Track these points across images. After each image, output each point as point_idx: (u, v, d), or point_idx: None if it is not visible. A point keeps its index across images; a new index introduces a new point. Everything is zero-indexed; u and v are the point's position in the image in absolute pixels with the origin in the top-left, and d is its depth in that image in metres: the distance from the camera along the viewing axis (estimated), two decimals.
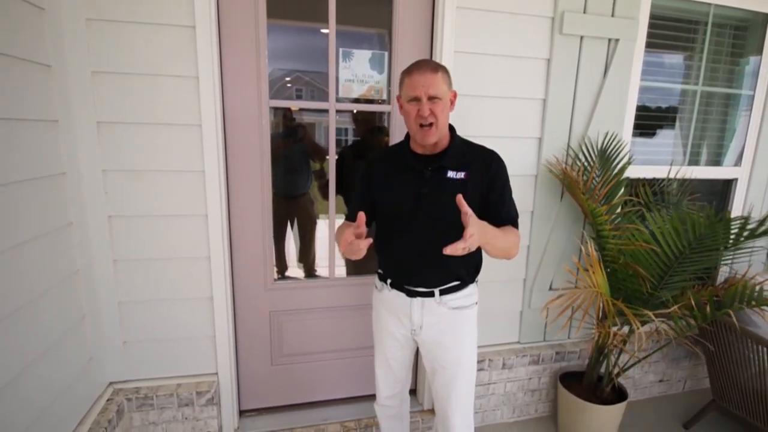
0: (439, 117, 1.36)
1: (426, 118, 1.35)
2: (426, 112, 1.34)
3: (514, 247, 1.42)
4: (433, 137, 1.39)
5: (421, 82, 1.34)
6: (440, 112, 1.36)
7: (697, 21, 2.43)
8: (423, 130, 1.38)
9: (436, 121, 1.36)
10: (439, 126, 1.38)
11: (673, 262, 1.89)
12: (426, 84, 1.33)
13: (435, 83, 1.33)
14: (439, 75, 1.35)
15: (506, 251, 1.41)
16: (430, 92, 1.33)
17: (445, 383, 1.58)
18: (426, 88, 1.33)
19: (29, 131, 1.41)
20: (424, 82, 1.33)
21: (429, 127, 1.37)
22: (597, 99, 2.16)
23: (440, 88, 1.34)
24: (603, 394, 2.18)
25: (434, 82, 1.33)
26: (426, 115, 1.35)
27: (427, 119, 1.35)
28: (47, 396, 1.47)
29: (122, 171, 1.74)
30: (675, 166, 2.43)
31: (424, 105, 1.34)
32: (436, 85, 1.34)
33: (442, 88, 1.35)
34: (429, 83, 1.33)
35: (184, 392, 1.92)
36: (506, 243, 1.38)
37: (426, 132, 1.38)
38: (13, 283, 1.32)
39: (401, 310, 1.55)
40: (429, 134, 1.38)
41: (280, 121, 2.44)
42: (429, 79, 1.33)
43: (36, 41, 1.46)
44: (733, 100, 2.62)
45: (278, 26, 1.97)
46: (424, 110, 1.34)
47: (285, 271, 2.74)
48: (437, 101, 1.35)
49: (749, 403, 2.12)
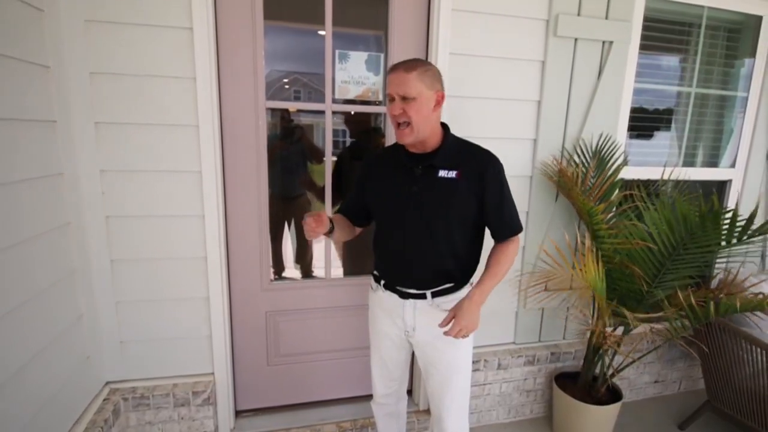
0: (413, 117, 1.34)
1: (397, 117, 1.35)
2: (396, 111, 1.34)
3: (512, 263, 1.49)
4: (408, 137, 1.38)
5: (394, 81, 1.34)
6: (414, 112, 1.33)
7: (691, 23, 2.46)
8: (399, 130, 1.38)
9: (411, 121, 1.34)
10: (416, 126, 1.35)
11: (667, 260, 1.91)
12: (398, 83, 1.33)
13: (407, 83, 1.32)
14: (413, 75, 1.32)
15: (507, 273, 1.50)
16: (401, 92, 1.32)
17: (440, 384, 1.58)
18: (397, 88, 1.33)
19: (28, 132, 1.42)
20: (396, 81, 1.33)
21: (405, 127, 1.36)
22: (591, 101, 2.18)
23: (413, 88, 1.32)
24: (598, 395, 2.19)
25: (406, 81, 1.32)
26: (396, 114, 1.34)
27: (398, 118, 1.35)
28: (43, 395, 1.48)
29: (120, 171, 1.75)
30: (669, 167, 2.45)
31: (396, 104, 1.34)
32: (408, 85, 1.31)
33: (416, 87, 1.32)
34: (400, 82, 1.32)
35: (180, 392, 1.92)
36: (504, 272, 1.46)
37: (401, 132, 1.38)
38: (10, 282, 1.33)
39: (395, 312, 1.56)
40: (403, 134, 1.38)
41: (278, 122, 2.45)
42: (401, 78, 1.32)
43: (35, 42, 1.47)
44: (727, 102, 2.64)
45: (276, 28, 1.99)
46: (395, 109, 1.34)
47: (282, 271, 2.75)
48: (410, 101, 1.33)
49: (744, 404, 2.13)
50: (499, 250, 1.49)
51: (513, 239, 1.50)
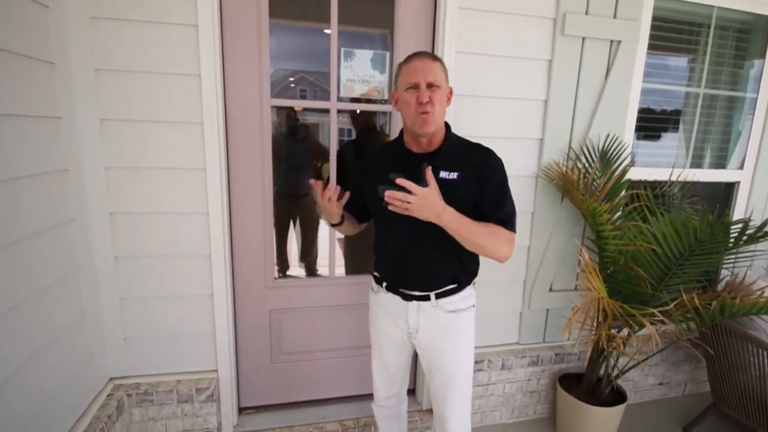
0: (436, 105, 1.32)
1: (425, 105, 1.30)
2: (425, 98, 1.30)
3: (494, 245, 1.35)
4: (430, 127, 1.34)
5: (420, 67, 1.31)
6: (438, 101, 1.33)
7: (700, 23, 2.43)
8: (421, 118, 1.32)
9: (434, 109, 1.32)
10: (436, 115, 1.33)
11: (673, 264, 1.89)
12: (425, 70, 1.31)
13: (435, 70, 1.32)
14: (438, 64, 1.33)
15: (481, 247, 1.35)
16: (429, 79, 1.31)
17: (442, 385, 1.57)
18: (425, 74, 1.31)
19: (33, 128, 1.43)
20: (423, 68, 1.31)
21: (426, 115, 1.31)
22: (598, 101, 2.16)
23: (439, 76, 1.32)
24: (602, 396, 2.18)
25: (434, 69, 1.32)
26: (425, 102, 1.30)
27: (426, 106, 1.30)
28: (47, 391, 1.49)
29: (124, 168, 1.75)
30: (677, 168, 2.43)
31: (423, 91, 1.30)
32: (435, 73, 1.32)
33: (440, 76, 1.33)
34: (428, 69, 1.31)
35: (183, 388, 1.93)
36: (479, 238, 1.32)
37: (424, 119, 1.32)
38: (15, 278, 1.33)
39: (397, 313, 1.54)
40: (426, 122, 1.32)
41: (284, 120, 2.45)
42: (428, 65, 1.31)
43: (40, 39, 1.47)
44: (736, 103, 2.62)
45: (281, 26, 1.99)
46: (423, 96, 1.30)
47: (287, 269, 2.75)
48: (436, 89, 1.32)
49: (749, 407, 2.11)
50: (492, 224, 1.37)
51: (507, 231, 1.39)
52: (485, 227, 1.35)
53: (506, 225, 1.38)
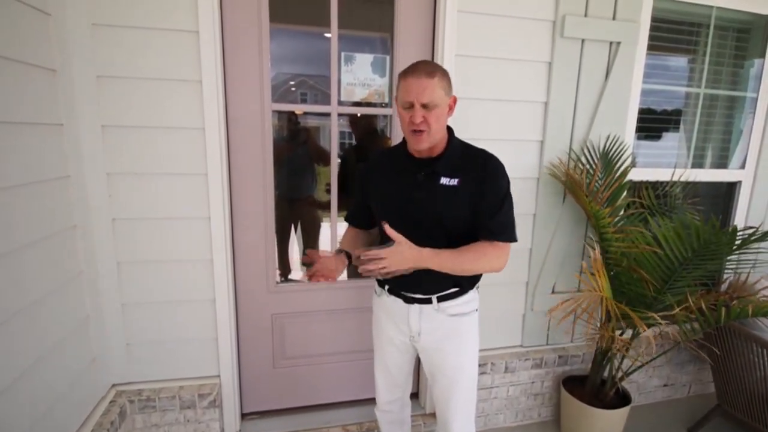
0: (432, 125, 1.30)
1: (418, 125, 1.30)
2: (418, 119, 1.29)
3: (484, 265, 1.39)
4: (424, 144, 1.34)
5: (415, 87, 1.28)
6: (434, 121, 1.30)
7: (699, 23, 2.43)
8: (414, 136, 1.33)
9: (429, 128, 1.31)
10: (432, 133, 1.32)
11: (677, 267, 1.88)
12: (419, 90, 1.27)
13: (430, 90, 1.27)
14: (435, 80, 1.28)
15: (472, 271, 1.40)
16: (423, 100, 1.27)
17: (445, 389, 1.56)
18: (419, 95, 1.27)
19: (34, 134, 1.43)
20: (418, 88, 1.27)
21: (420, 134, 1.32)
22: (599, 102, 2.16)
23: (435, 95, 1.28)
24: (606, 399, 2.17)
25: (429, 88, 1.27)
26: (417, 123, 1.29)
27: (419, 126, 1.30)
28: (50, 397, 1.48)
29: (126, 174, 1.75)
30: (678, 169, 2.42)
31: (417, 112, 1.29)
32: (431, 92, 1.27)
33: (437, 94, 1.28)
34: (422, 89, 1.27)
35: (186, 394, 1.92)
36: (468, 264, 1.37)
37: (417, 138, 1.33)
38: (17, 284, 1.33)
39: (399, 317, 1.54)
40: (420, 141, 1.33)
41: (285, 124, 2.46)
42: (423, 84, 1.27)
43: (42, 46, 1.48)
44: (736, 103, 2.62)
45: (282, 30, 2.00)
46: (416, 117, 1.29)
47: (289, 273, 2.75)
48: (431, 109, 1.29)
49: (755, 408, 2.10)
50: (478, 244, 1.39)
51: (497, 243, 1.39)
52: (470, 251, 1.37)
53: (497, 236, 1.38)
